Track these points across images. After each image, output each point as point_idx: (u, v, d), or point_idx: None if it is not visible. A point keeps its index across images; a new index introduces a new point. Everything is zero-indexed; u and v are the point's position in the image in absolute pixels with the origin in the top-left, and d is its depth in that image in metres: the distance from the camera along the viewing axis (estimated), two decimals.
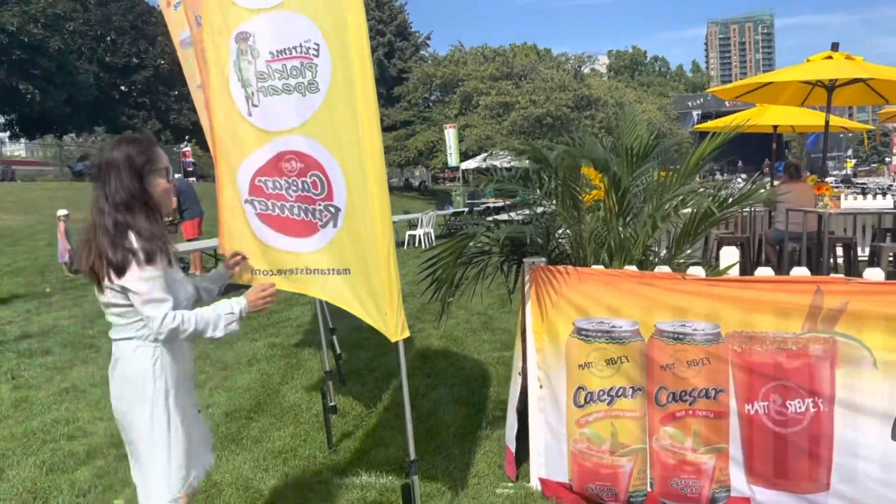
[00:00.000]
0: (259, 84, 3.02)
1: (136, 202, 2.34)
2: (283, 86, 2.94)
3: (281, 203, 3.09)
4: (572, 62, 40.70)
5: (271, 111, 3.01)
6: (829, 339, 2.95)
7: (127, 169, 2.34)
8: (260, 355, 6.40)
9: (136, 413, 2.39)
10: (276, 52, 2.93)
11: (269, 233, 3.19)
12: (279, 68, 2.95)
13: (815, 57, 8.29)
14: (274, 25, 2.92)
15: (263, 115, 3.05)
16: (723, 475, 3.20)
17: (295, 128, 2.96)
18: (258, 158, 3.08)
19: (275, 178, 3.07)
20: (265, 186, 3.11)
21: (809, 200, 7.93)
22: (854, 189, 19.52)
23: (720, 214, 3.77)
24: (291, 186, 3.04)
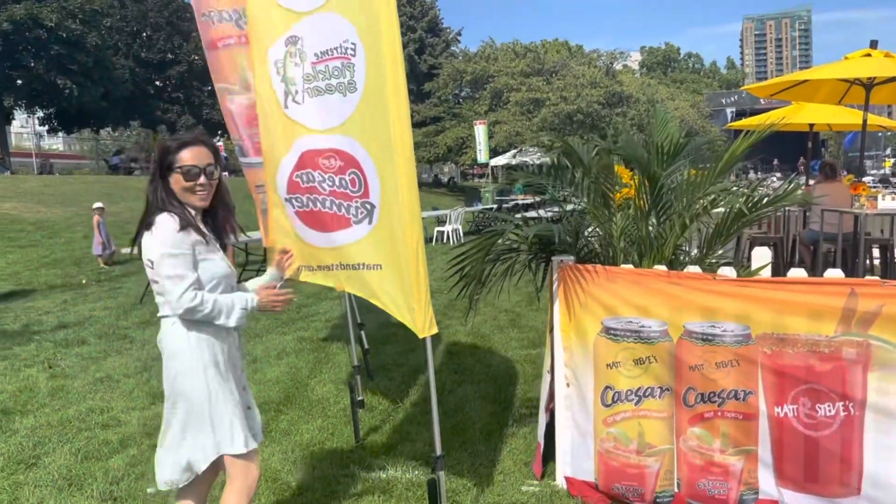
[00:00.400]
0: (305, 85, 3.10)
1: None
2: (326, 86, 3.02)
3: (314, 196, 3.16)
4: (604, 59, 40.34)
5: (316, 111, 3.09)
6: (862, 343, 2.91)
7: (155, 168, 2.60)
8: (289, 349, 6.48)
9: (177, 384, 2.51)
10: (320, 54, 3.01)
11: (306, 230, 3.28)
12: (323, 69, 3.01)
13: (854, 54, 8.13)
14: (317, 27, 2.99)
15: (306, 114, 3.13)
16: (751, 477, 3.17)
17: (336, 127, 3.03)
18: (295, 155, 3.16)
19: (309, 170, 3.14)
20: (301, 181, 3.20)
21: (845, 201, 7.78)
22: (892, 189, 19.08)
23: (753, 214, 3.73)
24: (326, 181, 3.10)
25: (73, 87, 31.15)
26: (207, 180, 2.54)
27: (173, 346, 2.50)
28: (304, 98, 3.09)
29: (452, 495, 3.55)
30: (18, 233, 15.17)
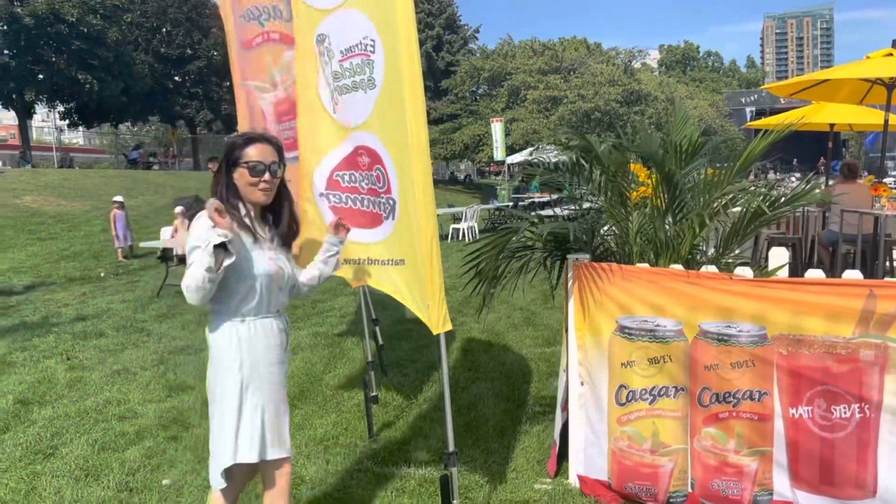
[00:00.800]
0: (335, 83, 3.14)
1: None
2: (352, 83, 3.06)
3: (354, 196, 3.23)
4: (622, 57, 40.11)
5: (348, 108, 3.14)
6: (881, 345, 2.88)
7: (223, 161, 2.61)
8: (304, 344, 6.51)
9: (210, 377, 2.56)
10: (345, 51, 3.05)
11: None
12: (348, 66, 3.05)
13: (875, 54, 8.04)
14: (341, 25, 3.03)
15: (343, 113, 3.18)
16: (765, 478, 3.15)
17: (361, 124, 3.07)
18: (338, 154, 3.21)
19: (351, 171, 3.20)
20: (342, 180, 3.26)
21: (866, 201, 7.69)
22: None
23: (771, 214, 3.69)
24: (365, 180, 3.16)
25: (93, 81, 31.45)
26: (271, 177, 2.54)
27: (212, 339, 2.57)
28: (338, 98, 3.15)
29: (465, 492, 3.55)
30: (38, 225, 15.37)
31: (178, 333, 6.97)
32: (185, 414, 4.73)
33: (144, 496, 3.59)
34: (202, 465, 3.93)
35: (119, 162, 40.95)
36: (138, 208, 16.65)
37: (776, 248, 3.72)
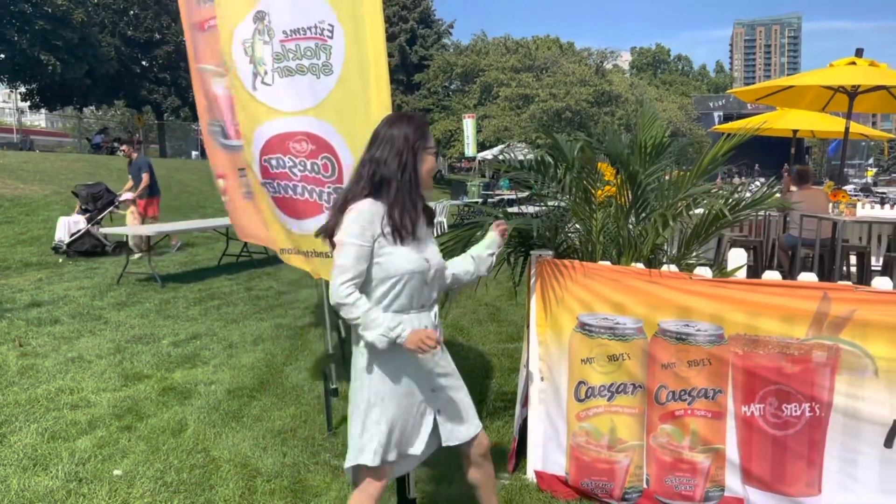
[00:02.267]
0: (275, 65, 3.05)
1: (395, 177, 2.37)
2: (297, 66, 2.96)
3: (285, 183, 3.13)
4: (594, 57, 40.42)
5: (285, 92, 3.04)
6: (832, 347, 2.93)
7: (402, 144, 2.38)
8: (266, 335, 6.44)
9: (353, 375, 2.50)
10: (290, 32, 2.95)
11: (283, 216, 3.25)
12: (293, 48, 2.96)
13: (839, 62, 8.20)
14: (290, 4, 2.93)
15: (275, 95, 3.08)
16: (718, 475, 3.20)
17: (308, 109, 2.98)
18: (264, 134, 3.11)
19: (279, 155, 3.10)
20: (270, 166, 3.15)
21: (823, 207, 7.85)
22: (873, 198, 19.31)
23: (731, 217, 3.74)
24: (297, 166, 3.06)
25: (56, 63, 30.69)
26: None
27: (357, 338, 2.45)
28: (273, 79, 3.05)
29: (422, 486, 3.54)
30: None
31: (136, 322, 6.84)
32: (140, 404, 4.64)
33: (94, 486, 3.51)
34: (155, 455, 3.87)
35: (82, 146, 40.05)
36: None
37: (735, 249, 3.77)
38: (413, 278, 2.41)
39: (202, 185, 20.90)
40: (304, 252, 3.24)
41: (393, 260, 2.36)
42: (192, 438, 4.11)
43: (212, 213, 16.33)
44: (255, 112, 3.16)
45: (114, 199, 10.99)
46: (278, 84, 3.06)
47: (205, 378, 5.20)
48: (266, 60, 3.08)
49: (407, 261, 2.38)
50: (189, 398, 4.78)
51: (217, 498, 3.43)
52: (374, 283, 2.39)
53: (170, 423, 4.33)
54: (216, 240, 12.49)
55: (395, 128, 2.39)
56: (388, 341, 2.34)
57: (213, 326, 6.72)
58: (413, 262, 2.40)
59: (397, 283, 2.39)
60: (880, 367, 2.86)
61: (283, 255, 3.35)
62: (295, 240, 3.26)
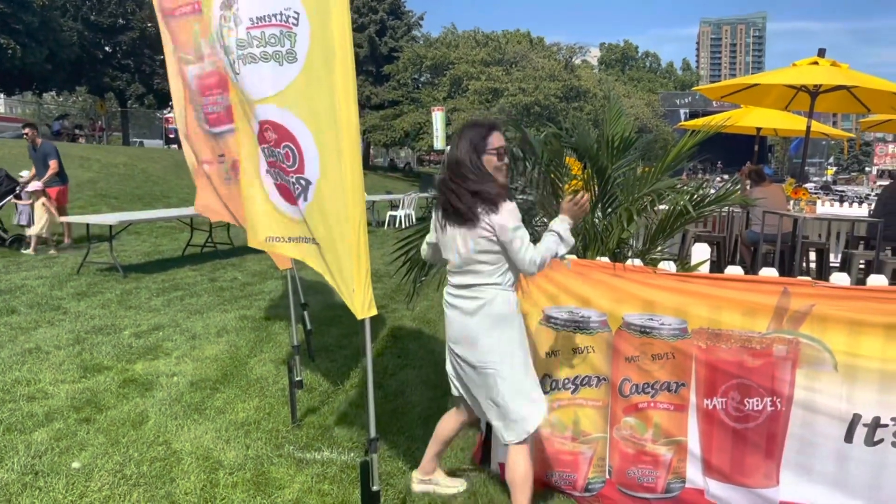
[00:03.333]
0: (239, 52, 3.00)
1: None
2: (261, 53, 2.92)
3: (274, 170, 3.13)
4: (564, 52, 40.61)
5: (252, 79, 3.00)
6: (792, 341, 2.99)
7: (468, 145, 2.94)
8: (230, 327, 6.36)
9: (502, 343, 2.91)
10: (256, 19, 2.90)
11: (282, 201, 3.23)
12: (258, 35, 2.91)
13: (802, 62, 8.33)
14: None
15: (246, 83, 3.05)
16: (679, 466, 3.24)
17: (269, 97, 2.94)
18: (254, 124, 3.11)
19: (263, 146, 3.10)
20: (265, 154, 3.15)
21: (782, 204, 8.00)
22: (832, 196, 19.75)
23: (696, 213, 3.79)
24: (272, 155, 3.05)
25: (16, 47, 29.82)
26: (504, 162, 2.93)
27: (500, 312, 2.89)
28: (239, 66, 3.01)
29: (387, 478, 3.53)
30: None
31: (97, 312, 6.70)
32: (99, 395, 4.55)
33: (51, 479, 3.43)
34: (115, 448, 3.80)
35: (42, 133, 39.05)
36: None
37: (698, 244, 3.82)
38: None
39: (167, 174, 20.56)
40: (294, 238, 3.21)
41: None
42: (152, 431, 4.04)
43: (176, 202, 16.07)
44: (244, 101, 3.15)
45: (15, 188, 10.53)
46: (244, 71, 3.02)
47: (167, 370, 5.12)
48: (233, 49, 3.04)
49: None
50: (150, 390, 4.70)
51: (178, 491, 3.38)
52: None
53: (130, 415, 4.26)
54: (180, 230, 12.31)
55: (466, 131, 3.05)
56: (564, 235, 2.90)
57: (176, 317, 6.62)
58: None
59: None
60: (839, 360, 2.93)
61: (268, 244, 3.31)
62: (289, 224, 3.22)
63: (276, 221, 3.25)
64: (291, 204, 3.11)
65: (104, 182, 17.31)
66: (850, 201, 14.73)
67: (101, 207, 14.20)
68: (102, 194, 15.85)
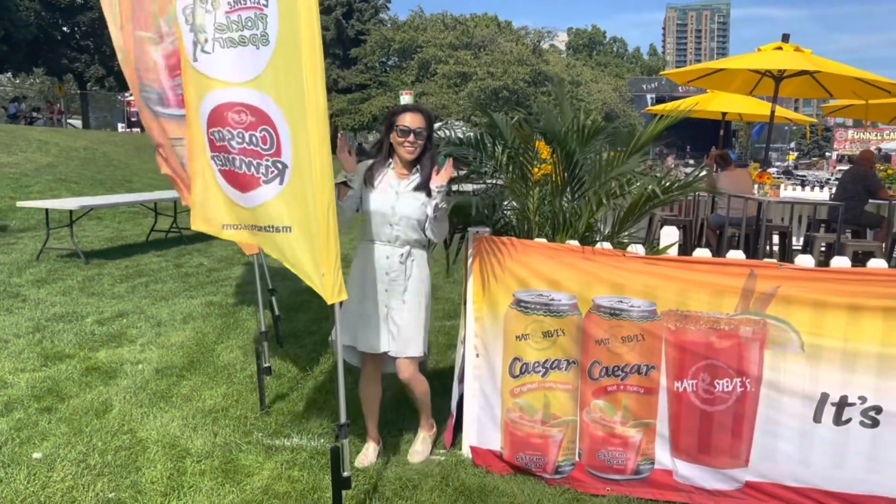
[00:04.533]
0: (217, 35, 2.94)
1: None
2: (240, 38, 2.88)
3: (224, 155, 3.04)
4: (532, 36, 40.55)
5: (231, 63, 2.94)
6: (760, 322, 3.03)
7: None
8: (196, 313, 6.26)
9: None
10: (233, 2, 2.85)
11: (229, 188, 3.16)
12: (236, 19, 2.87)
13: (766, 47, 8.44)
14: None
15: (218, 65, 2.98)
16: (648, 448, 3.28)
17: (249, 81, 2.90)
18: (208, 107, 3.01)
19: (219, 128, 3.01)
20: (215, 139, 3.06)
21: (747, 187, 8.12)
22: (794, 180, 20.11)
23: (664, 198, 3.81)
24: (234, 138, 2.97)
25: None
26: (416, 140, 3.33)
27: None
28: (214, 47, 2.94)
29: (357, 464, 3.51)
30: None
31: (58, 300, 6.55)
32: (61, 384, 4.45)
33: (11, 470, 3.35)
34: (78, 437, 3.72)
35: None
36: (19, 165, 15.48)
37: (667, 227, 3.85)
38: (372, 217, 3.37)
39: (129, 158, 20.12)
40: (249, 226, 3.15)
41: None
42: (117, 419, 3.96)
43: (139, 187, 15.74)
44: (199, 83, 3.06)
45: None
46: (219, 54, 2.96)
47: (131, 357, 5.02)
48: (207, 28, 2.97)
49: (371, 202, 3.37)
50: (114, 378, 4.61)
51: (144, 480, 3.32)
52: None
53: (93, 403, 4.17)
54: (144, 215, 12.07)
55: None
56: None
57: (140, 304, 6.50)
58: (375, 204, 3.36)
59: (370, 217, 3.38)
60: (805, 341, 2.98)
61: (226, 232, 3.24)
62: (240, 213, 3.15)
63: (229, 209, 3.19)
64: (242, 191, 3.05)
65: (63, 166, 16.88)
66: (811, 185, 15.00)
67: (60, 192, 13.85)
68: (62, 179, 15.45)
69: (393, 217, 3.34)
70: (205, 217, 3.36)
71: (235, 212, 3.18)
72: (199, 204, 3.36)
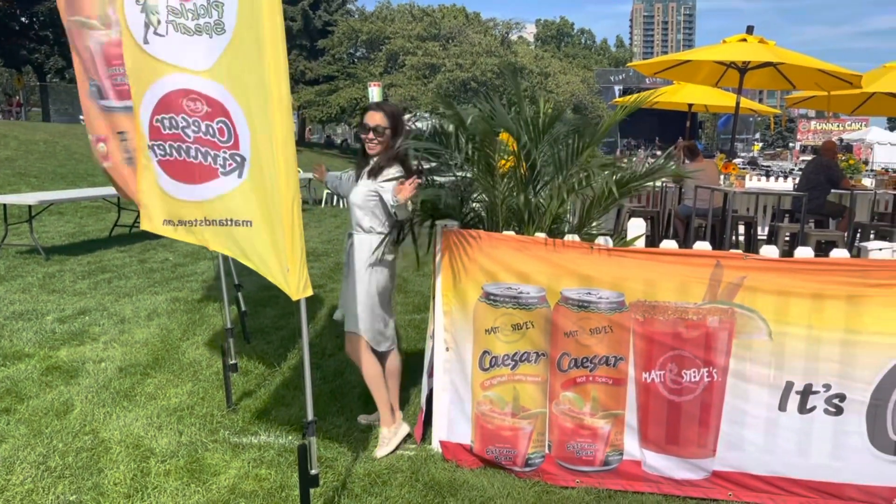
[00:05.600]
0: (171, 17, 2.84)
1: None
2: (195, 26, 2.78)
3: (178, 144, 2.94)
4: (500, 28, 40.56)
5: (185, 49, 2.84)
6: (728, 310, 3.06)
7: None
8: (161, 309, 6.14)
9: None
10: None
11: (168, 181, 3.06)
12: (191, 7, 2.78)
13: (731, 39, 8.52)
14: None
15: (170, 49, 2.87)
16: (617, 439, 3.29)
17: (204, 70, 2.81)
18: (155, 96, 2.90)
19: (172, 115, 2.90)
20: (162, 126, 2.96)
21: (714, 178, 8.21)
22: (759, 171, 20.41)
23: (628, 188, 3.82)
24: (191, 126, 2.88)
25: None
26: (376, 136, 3.53)
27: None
28: (168, 30, 2.83)
29: (326, 461, 3.48)
30: None
31: (17, 297, 6.38)
32: (20, 384, 4.33)
33: None
34: (37, 438, 3.62)
35: None
36: None
37: (634, 219, 3.86)
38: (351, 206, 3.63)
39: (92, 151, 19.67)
40: (189, 221, 3.05)
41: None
42: (78, 420, 3.87)
43: (103, 181, 15.39)
44: (148, 67, 2.94)
45: None
46: (174, 37, 2.85)
47: (93, 356, 4.91)
48: (160, 10, 2.86)
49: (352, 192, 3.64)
50: (76, 377, 4.50)
51: (106, 482, 3.24)
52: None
53: (54, 404, 4.07)
54: (107, 210, 11.83)
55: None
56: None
57: (103, 301, 6.36)
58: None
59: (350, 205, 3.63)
60: (773, 329, 3.01)
61: (164, 228, 3.14)
62: (176, 208, 3.05)
63: (164, 204, 3.10)
64: (195, 182, 2.96)
65: (23, 160, 16.47)
66: (775, 176, 15.24)
67: (20, 187, 13.51)
68: (21, 173, 15.07)
69: (351, 206, 3.63)
70: (147, 213, 3.28)
71: (171, 207, 3.08)
72: (144, 202, 3.27)
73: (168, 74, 2.88)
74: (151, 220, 3.25)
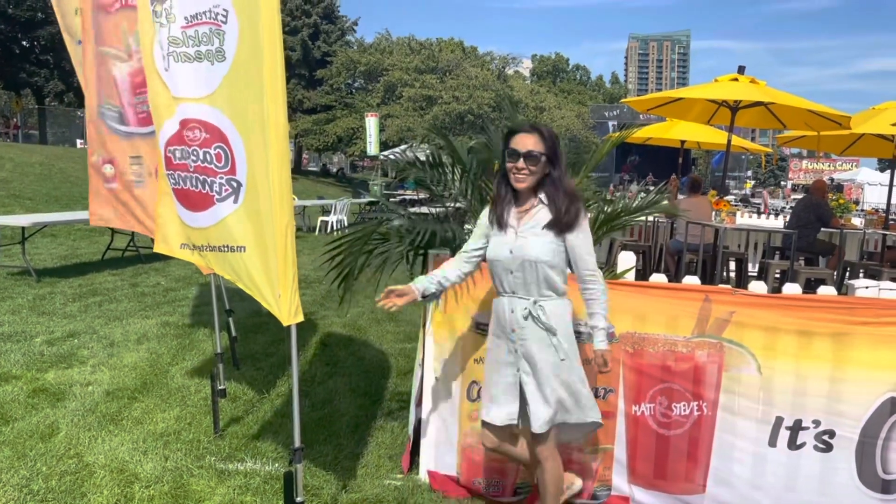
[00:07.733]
0: (171, 49, 2.92)
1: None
2: (195, 53, 2.84)
3: (184, 174, 3.00)
4: (497, 62, 41.09)
5: (182, 78, 2.92)
6: (716, 345, 3.07)
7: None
8: (151, 334, 6.12)
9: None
10: (190, 18, 2.83)
11: (181, 208, 3.13)
12: (192, 34, 2.84)
13: (723, 78, 8.66)
14: None
15: (174, 81, 2.95)
16: (605, 474, 3.28)
17: (203, 97, 2.86)
18: (170, 126, 2.98)
19: (180, 146, 2.98)
20: (174, 157, 3.04)
21: (707, 214, 8.27)
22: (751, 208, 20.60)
23: (620, 221, 3.87)
24: (191, 156, 2.93)
25: None
26: (527, 164, 2.72)
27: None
28: (169, 64, 2.91)
29: (312, 489, 3.45)
30: None
31: (6, 319, 6.34)
32: (6, 406, 4.29)
33: None
34: (21, 461, 3.58)
35: None
36: None
37: (624, 252, 3.90)
38: (494, 265, 2.86)
39: (87, 174, 19.72)
40: (199, 247, 3.10)
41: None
42: (63, 443, 3.83)
43: None
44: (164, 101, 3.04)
45: None
46: (175, 69, 2.93)
47: (81, 378, 4.88)
48: (164, 44, 2.95)
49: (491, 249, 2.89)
50: (62, 400, 4.46)
51: None
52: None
53: (39, 426, 4.03)
54: (100, 233, 11.82)
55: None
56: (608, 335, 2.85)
57: (93, 324, 6.33)
58: (494, 251, 2.86)
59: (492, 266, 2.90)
60: (762, 364, 3.03)
61: (181, 251, 3.21)
62: (189, 233, 3.11)
63: (180, 229, 3.17)
64: (195, 210, 3.02)
65: (18, 182, 16.49)
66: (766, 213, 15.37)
67: (14, 209, 13.51)
68: (16, 195, 15.08)
69: (513, 263, 2.78)
70: (164, 236, 3.32)
71: (186, 232, 3.16)
72: (161, 225, 3.32)
73: (178, 107, 2.96)
74: (168, 242, 3.31)
